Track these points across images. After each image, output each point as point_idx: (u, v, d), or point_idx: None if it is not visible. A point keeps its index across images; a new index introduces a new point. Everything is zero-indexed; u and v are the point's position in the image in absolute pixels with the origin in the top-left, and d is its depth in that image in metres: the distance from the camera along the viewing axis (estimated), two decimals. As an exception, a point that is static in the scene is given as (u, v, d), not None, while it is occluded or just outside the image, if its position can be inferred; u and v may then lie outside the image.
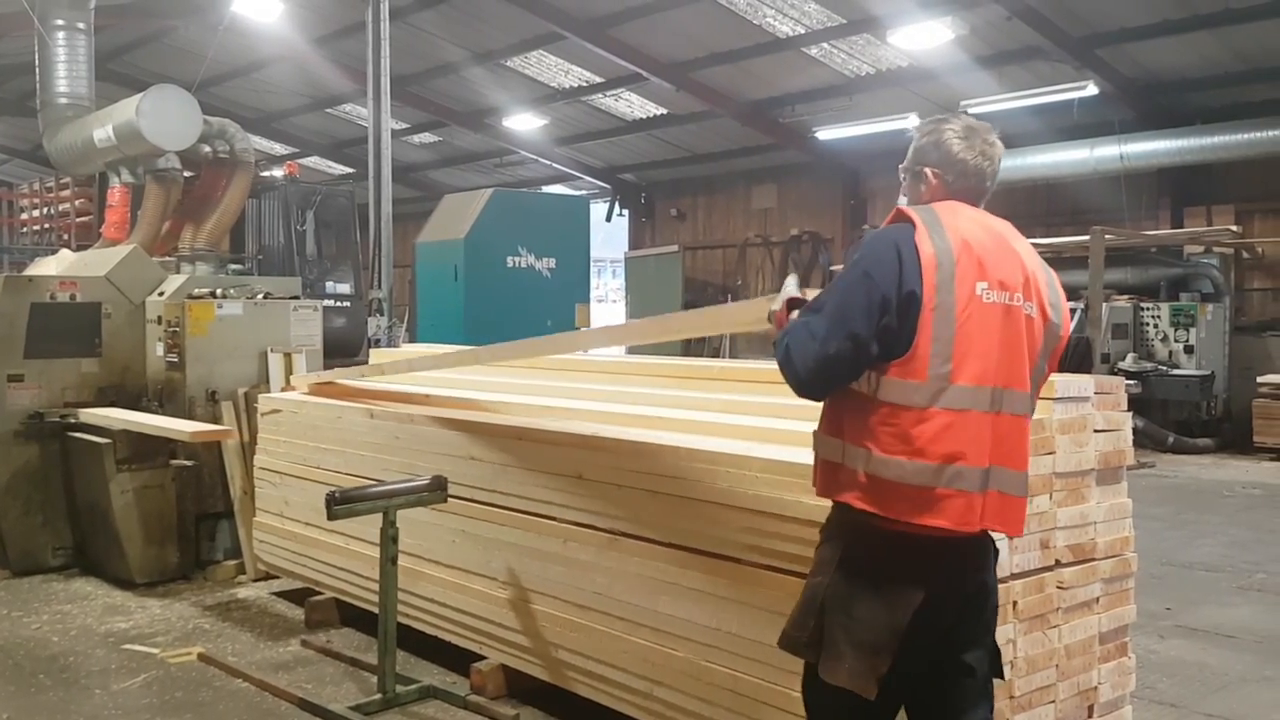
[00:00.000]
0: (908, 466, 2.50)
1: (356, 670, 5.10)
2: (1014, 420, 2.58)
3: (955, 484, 2.50)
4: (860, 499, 2.55)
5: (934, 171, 2.72)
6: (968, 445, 2.51)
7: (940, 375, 2.49)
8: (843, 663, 2.56)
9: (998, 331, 2.55)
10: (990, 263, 2.57)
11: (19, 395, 6.83)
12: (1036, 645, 3.57)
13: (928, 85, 15.40)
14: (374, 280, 11.36)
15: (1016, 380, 2.58)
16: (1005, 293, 2.57)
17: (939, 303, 2.48)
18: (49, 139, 9.84)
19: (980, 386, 2.52)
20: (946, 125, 2.73)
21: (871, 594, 2.56)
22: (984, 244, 2.59)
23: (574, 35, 15.83)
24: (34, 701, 4.77)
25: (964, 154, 2.70)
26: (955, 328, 2.49)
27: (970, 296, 2.52)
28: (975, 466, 2.52)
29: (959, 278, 2.51)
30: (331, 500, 4.43)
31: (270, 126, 22.74)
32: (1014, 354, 2.58)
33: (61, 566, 6.93)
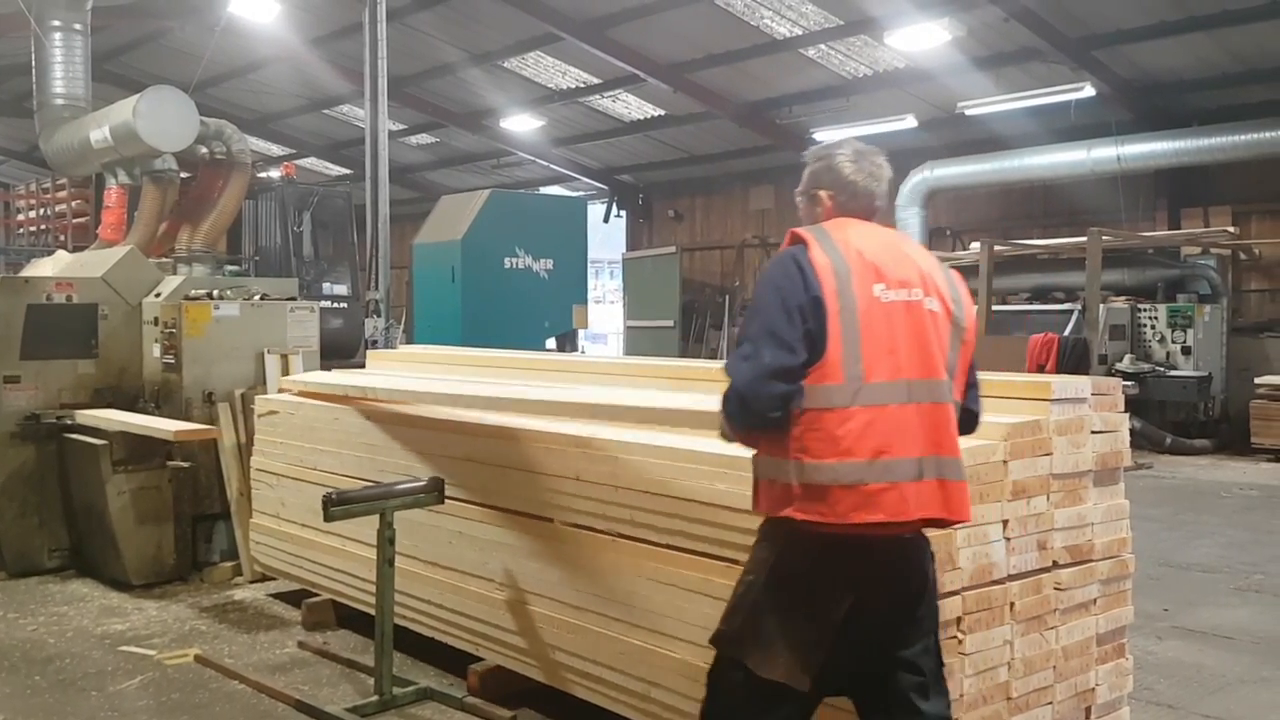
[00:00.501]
0: (839, 468, 2.58)
1: (353, 672, 5.09)
2: (937, 408, 2.68)
3: (887, 477, 2.58)
4: (800, 510, 2.62)
5: (827, 194, 2.87)
6: (894, 438, 2.60)
7: (855, 375, 2.60)
8: (779, 658, 2.65)
9: (903, 326, 2.67)
10: (884, 265, 2.70)
11: (15, 396, 6.81)
12: (1034, 646, 3.57)
13: (925, 86, 15.41)
14: (371, 281, 11.35)
15: (930, 370, 2.68)
16: (904, 290, 2.70)
17: (842, 306, 2.61)
18: (45, 140, 9.82)
19: (894, 381, 2.63)
20: (838, 150, 2.90)
21: (806, 592, 2.66)
22: (875, 250, 2.72)
23: (571, 36, 15.84)
24: (30, 704, 4.76)
25: (854, 176, 2.86)
26: (860, 328, 2.62)
27: (869, 297, 2.65)
28: (906, 457, 2.61)
29: (855, 282, 2.64)
30: (328, 501, 4.42)
31: (267, 127, 22.72)
32: (923, 346, 2.68)
33: (58, 568, 6.92)
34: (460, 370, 6.09)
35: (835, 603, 2.64)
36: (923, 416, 2.65)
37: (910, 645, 2.76)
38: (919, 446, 2.63)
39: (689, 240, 21.15)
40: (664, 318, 18.91)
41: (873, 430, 2.59)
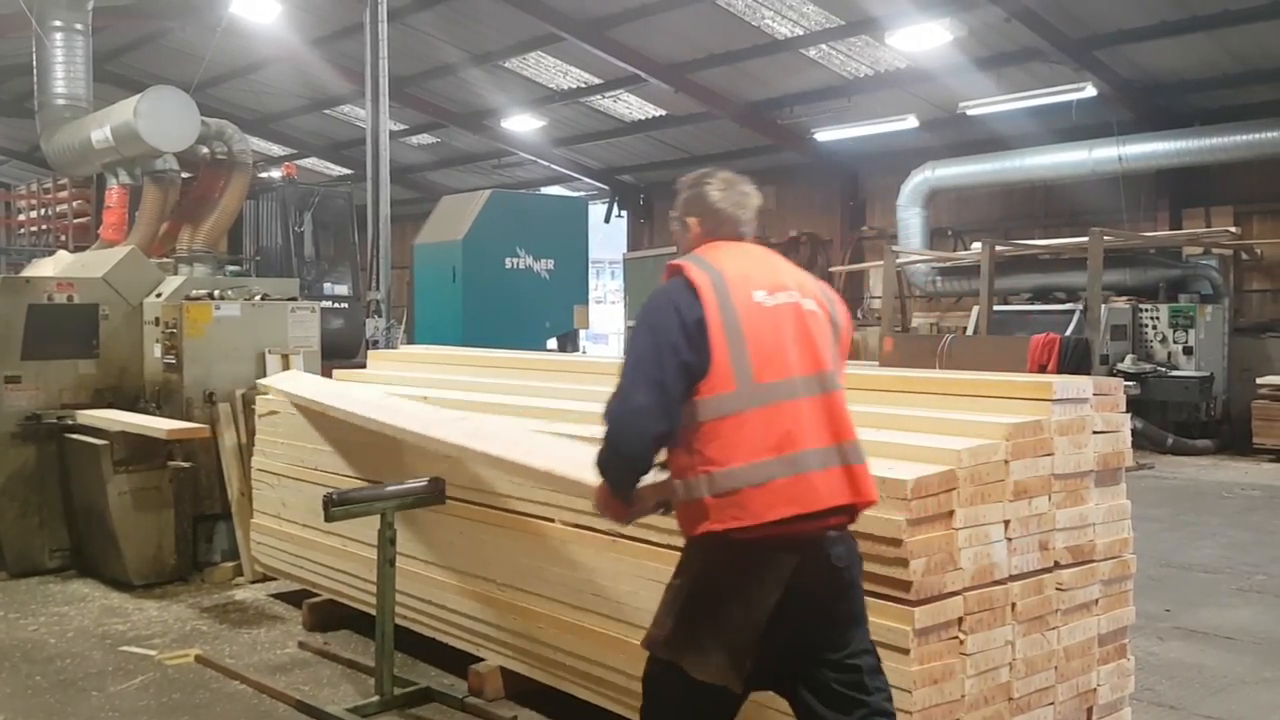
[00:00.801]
0: (746, 470, 2.65)
1: (354, 672, 5.08)
2: (829, 398, 2.78)
3: (794, 470, 2.67)
4: (716, 521, 2.67)
5: (696, 220, 2.99)
6: (794, 432, 2.69)
7: (745, 379, 2.69)
8: (710, 659, 2.71)
9: (787, 326, 2.79)
10: (758, 276, 2.83)
11: (16, 397, 6.81)
12: (1035, 647, 3.57)
13: (926, 87, 15.41)
14: (372, 282, 11.36)
15: (817, 364, 2.79)
16: (782, 293, 2.83)
17: (724, 319, 2.70)
18: (46, 140, 9.83)
19: (786, 379, 2.72)
20: (707, 180, 3.01)
21: (732, 594, 2.70)
22: (747, 264, 2.86)
23: (572, 36, 15.84)
24: (31, 704, 4.76)
25: (721, 204, 2.97)
26: (744, 334, 2.71)
27: (750, 304, 2.76)
28: (810, 449, 2.70)
29: (734, 294, 2.75)
30: (329, 502, 4.42)
31: (268, 128, 22.73)
32: (808, 342, 2.80)
33: (59, 568, 6.92)
34: (460, 370, 6.08)
35: (762, 603, 2.68)
36: (817, 408, 2.75)
37: (842, 642, 2.79)
38: (820, 437, 2.72)
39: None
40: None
41: (772, 428, 2.67)
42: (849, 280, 18.60)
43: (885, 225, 17.74)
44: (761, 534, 2.65)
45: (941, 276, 16.47)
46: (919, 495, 3.20)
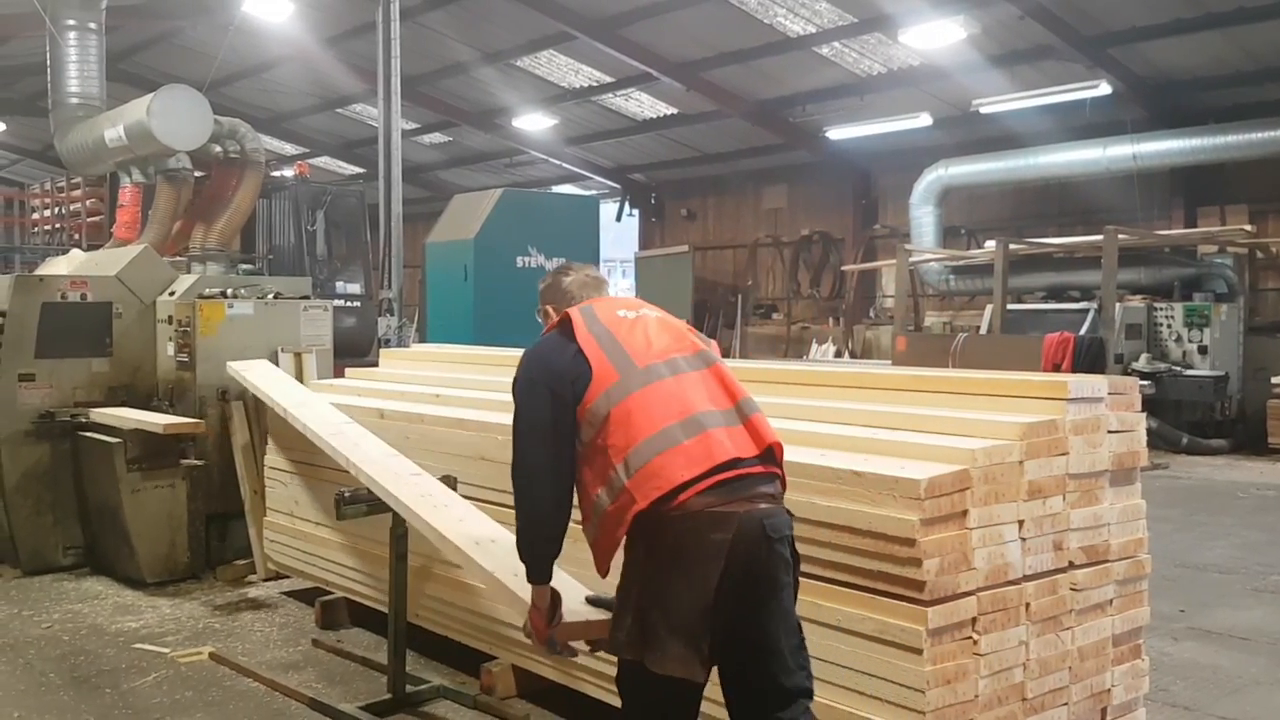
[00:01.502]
0: (654, 440, 2.81)
1: (367, 670, 5.09)
2: (713, 370, 3.01)
3: (698, 429, 2.84)
4: (642, 499, 2.78)
5: (553, 308, 3.27)
6: (689, 398, 2.89)
7: (626, 367, 2.91)
8: (668, 652, 2.79)
9: (653, 327, 3.06)
10: (616, 304, 3.18)
11: (30, 395, 6.84)
12: (1049, 647, 3.55)
13: (939, 84, 15.37)
14: (384, 280, 11.39)
15: (689, 347, 3.04)
16: (642, 309, 3.16)
17: (594, 332, 2.97)
18: (60, 139, 9.87)
19: (666, 359, 2.96)
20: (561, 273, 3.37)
21: (679, 579, 2.78)
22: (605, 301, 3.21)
23: (584, 35, 15.84)
24: (44, 701, 4.78)
25: (570, 287, 3.28)
26: (613, 333, 2.98)
27: (615, 318, 3.06)
28: (710, 410, 2.89)
29: (600, 312, 3.07)
30: (341, 500, 4.43)
31: (280, 127, 22.79)
32: (674, 332, 3.08)
33: (72, 566, 6.94)
34: (472, 369, 6.08)
35: (705, 582, 2.75)
36: (707, 378, 2.98)
37: (772, 621, 2.85)
38: (717, 401, 2.93)
39: (701, 239, 21.13)
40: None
41: (668, 399, 2.87)
42: (861, 279, 18.56)
43: (898, 224, 17.69)
44: (691, 514, 2.75)
45: (954, 275, 16.42)
46: (932, 495, 3.18)
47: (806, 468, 3.46)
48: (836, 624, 3.35)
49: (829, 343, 17.80)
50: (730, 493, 2.79)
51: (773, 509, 2.86)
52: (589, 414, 2.88)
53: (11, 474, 6.76)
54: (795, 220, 19.65)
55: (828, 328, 18.61)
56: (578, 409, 2.88)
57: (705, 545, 2.76)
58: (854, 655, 3.32)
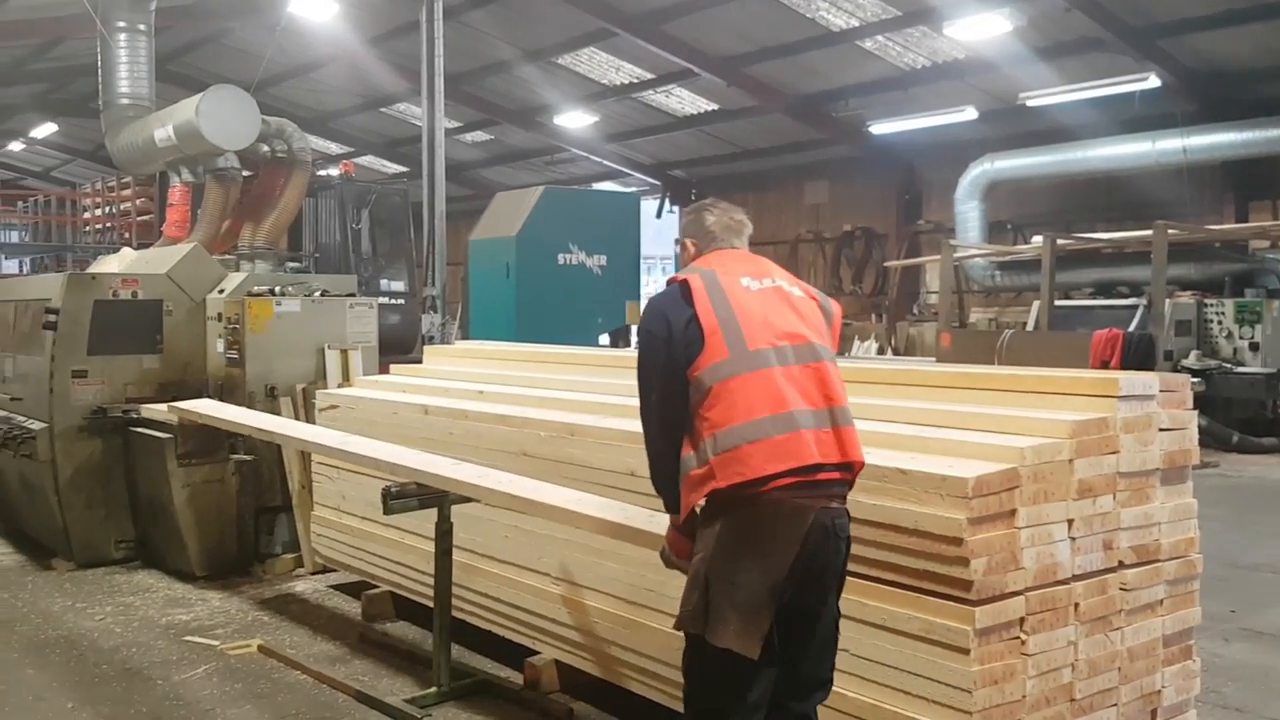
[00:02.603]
0: (746, 428, 2.88)
1: (412, 663, 5.14)
2: (819, 366, 3.02)
3: (789, 428, 2.89)
4: (722, 479, 2.88)
5: (691, 241, 3.36)
6: (788, 394, 2.93)
7: (738, 346, 2.96)
8: (729, 626, 2.88)
9: (773, 305, 3.07)
10: (745, 268, 3.17)
11: (83, 391, 6.95)
12: (1098, 647, 3.51)
13: (985, 78, 15.20)
14: (427, 277, 11.46)
15: (802, 337, 3.04)
16: (768, 279, 3.15)
17: (714, 301, 3.01)
18: (111, 139, 10.01)
19: (776, 346, 2.98)
20: (705, 207, 3.40)
21: (751, 559, 2.89)
22: (735, 262, 3.21)
23: (625, 32, 15.85)
24: (97, 692, 4.87)
25: (713, 226, 3.33)
26: (733, 308, 3.01)
27: (738, 287, 3.07)
28: (803, 409, 2.93)
29: (723, 279, 3.08)
30: (387, 495, 4.47)
31: (326, 126, 23.02)
32: (794, 317, 3.07)
33: (124, 559, 7.06)
34: (514, 366, 6.11)
35: (779, 567, 2.86)
36: (808, 374, 2.99)
37: (826, 604, 3.01)
38: (812, 400, 2.96)
39: (742, 235, 21.06)
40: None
41: (767, 390, 2.92)
42: (904, 275, 18.41)
43: (942, 219, 17.53)
44: (772, 501, 2.85)
45: (1000, 271, 16.23)
46: (980, 494, 3.15)
47: (852, 465, 3.45)
48: (882, 623, 3.34)
49: (871, 340, 17.68)
50: (809, 490, 2.89)
51: (842, 510, 3.00)
52: (695, 380, 2.97)
53: (65, 469, 6.88)
54: (837, 216, 19.52)
55: (870, 325, 18.48)
56: (687, 370, 2.97)
57: (782, 531, 2.87)
58: (899, 655, 3.30)
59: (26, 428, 7.06)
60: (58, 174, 30.66)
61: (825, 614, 3.03)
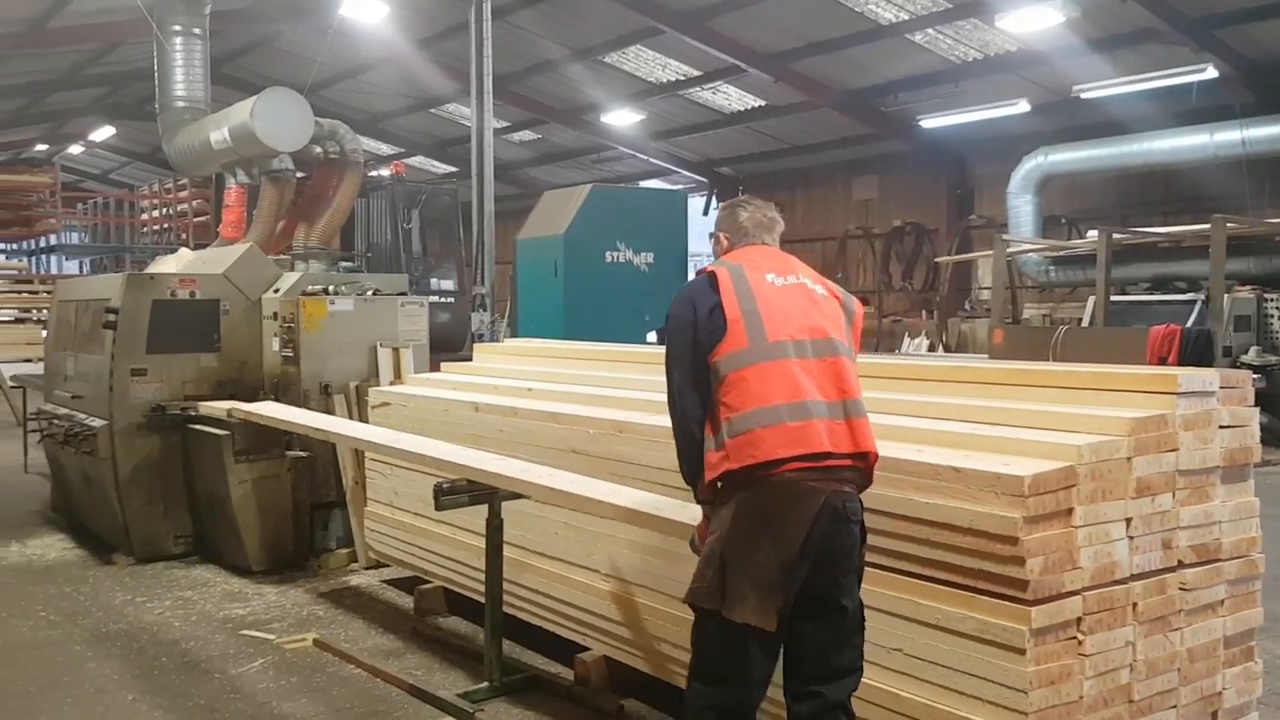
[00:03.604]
0: (761, 412, 3.02)
1: (464, 658, 5.18)
2: (835, 360, 3.14)
3: (802, 415, 3.02)
4: (734, 460, 3.03)
5: (725, 235, 3.51)
6: (804, 383, 3.05)
7: (758, 336, 3.10)
8: (746, 602, 3.01)
9: (795, 300, 3.21)
10: (771, 265, 3.31)
11: (142, 389, 7.09)
12: (1157, 648, 3.45)
13: (1038, 70, 14.99)
14: (477, 276, 11.54)
15: (821, 332, 3.17)
16: (792, 276, 3.28)
17: (738, 292, 3.16)
18: (168, 141, 10.19)
19: (796, 339, 3.11)
20: (738, 204, 3.56)
21: (764, 538, 3.02)
22: (764, 257, 3.36)
23: (672, 29, 15.83)
24: (156, 685, 4.97)
25: (745, 223, 3.48)
26: (756, 301, 3.15)
27: (763, 282, 3.21)
28: (817, 400, 3.05)
29: (749, 274, 3.22)
30: (439, 491, 4.51)
31: (376, 127, 23.26)
32: (814, 313, 3.20)
33: (182, 554, 7.19)
34: (562, 363, 6.14)
35: (790, 545, 2.99)
36: (825, 368, 3.11)
37: (841, 589, 3.08)
38: (826, 392, 3.08)
39: (789, 232, 20.58)
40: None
41: (783, 379, 3.05)
42: (956, 271, 18.21)
43: (994, 214, 17.32)
44: (785, 482, 2.99)
45: (1055, 266, 16.00)
46: (1036, 492, 3.11)
47: (903, 463, 3.42)
48: (936, 622, 3.31)
49: (922, 336, 17.51)
50: (820, 474, 3.02)
51: (853, 494, 3.09)
52: (715, 365, 3.11)
53: (125, 465, 7.02)
54: (887, 211, 19.36)
55: (920, 321, 18.30)
56: (710, 356, 3.12)
57: (793, 511, 3.00)
58: (954, 654, 3.26)
59: (88, 425, 7.21)
60: (116, 176, 31.29)
61: (843, 598, 3.08)
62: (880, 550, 3.48)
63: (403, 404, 6.12)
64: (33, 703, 4.76)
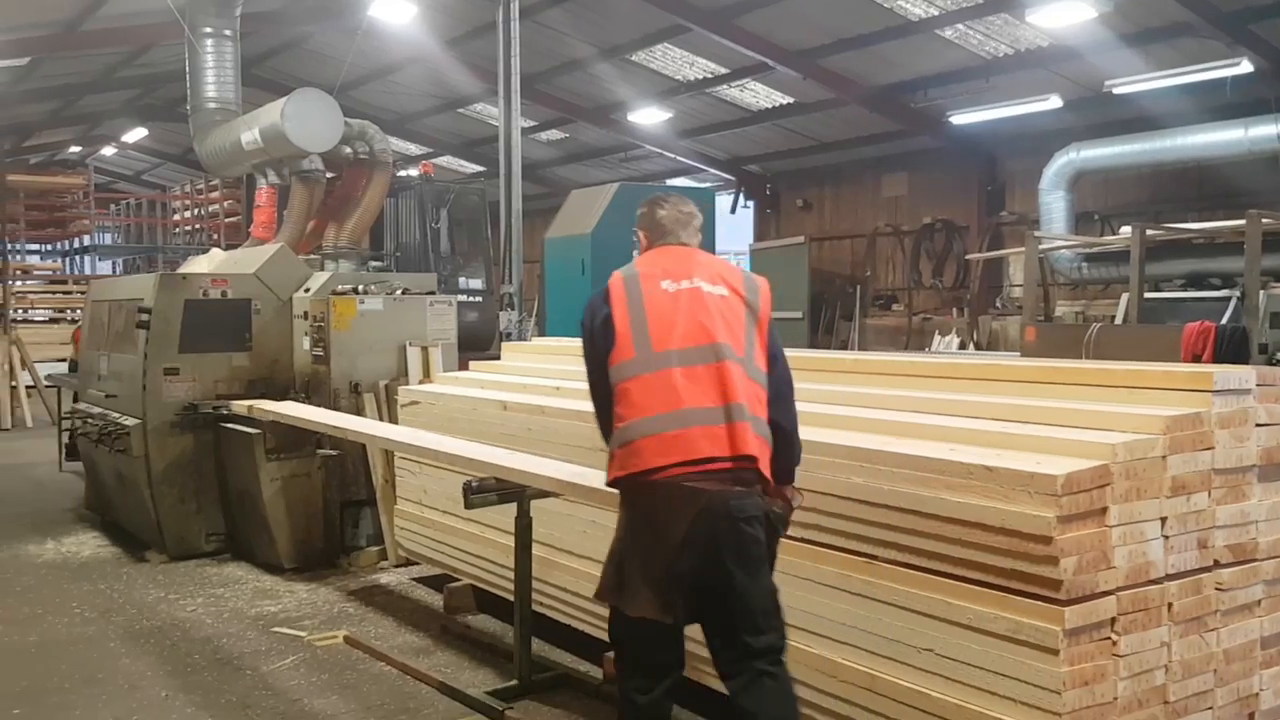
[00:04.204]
0: (642, 423, 3.22)
1: (493, 656, 5.20)
2: (719, 366, 3.25)
3: (679, 425, 3.18)
4: (619, 468, 3.28)
5: (644, 233, 3.65)
6: (684, 392, 3.20)
7: (644, 348, 3.28)
8: (640, 596, 3.25)
9: (684, 307, 3.32)
10: (672, 269, 3.43)
11: (175, 388, 7.16)
12: (1193, 649, 3.41)
13: (1069, 65, 14.83)
14: (505, 275, 11.56)
15: (707, 337, 3.28)
16: (685, 280, 3.38)
17: (629, 303, 3.34)
18: (199, 142, 10.29)
19: (681, 348, 3.26)
20: (655, 201, 3.66)
21: (650, 537, 3.24)
22: (666, 261, 3.49)
23: (699, 27, 15.78)
24: (189, 681, 5.02)
25: (663, 220, 3.60)
26: (646, 310, 3.32)
27: (656, 288, 3.37)
28: (696, 407, 3.19)
29: (644, 281, 3.39)
30: (468, 489, 4.52)
31: (404, 127, 23.35)
32: (697, 320, 3.31)
33: (214, 551, 7.26)
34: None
35: (669, 541, 3.19)
36: (708, 373, 3.24)
37: (740, 585, 3.22)
38: (707, 397, 3.21)
39: (818, 230, 20.85)
40: (792, 309, 18.68)
41: (665, 389, 3.22)
42: (987, 268, 18.06)
43: (1026, 210, 17.15)
44: (666, 485, 3.18)
45: (1087, 263, 15.82)
46: (1070, 491, 3.08)
47: (934, 462, 3.40)
48: (967, 623, 3.28)
49: (952, 334, 17.38)
50: (701, 478, 3.18)
51: (744, 493, 3.21)
52: (610, 374, 3.35)
53: (158, 464, 7.10)
54: (916, 208, 19.22)
55: (951, 319, 18.16)
56: (606, 363, 3.36)
57: (672, 513, 3.19)
58: (985, 655, 3.24)
59: (121, 424, 7.29)
60: (148, 177, 31.59)
61: (740, 587, 3.22)
62: (911, 550, 3.46)
63: (431, 403, 6.14)
64: (68, 699, 4.82)
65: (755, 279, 3.50)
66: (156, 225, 25.86)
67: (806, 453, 3.85)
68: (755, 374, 3.30)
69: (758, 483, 3.24)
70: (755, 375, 3.30)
